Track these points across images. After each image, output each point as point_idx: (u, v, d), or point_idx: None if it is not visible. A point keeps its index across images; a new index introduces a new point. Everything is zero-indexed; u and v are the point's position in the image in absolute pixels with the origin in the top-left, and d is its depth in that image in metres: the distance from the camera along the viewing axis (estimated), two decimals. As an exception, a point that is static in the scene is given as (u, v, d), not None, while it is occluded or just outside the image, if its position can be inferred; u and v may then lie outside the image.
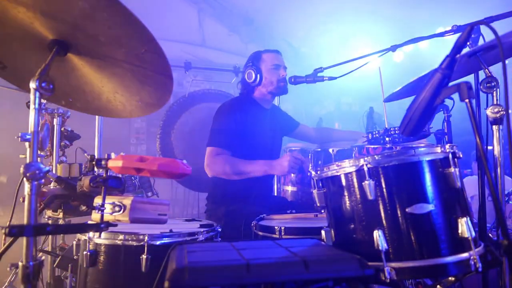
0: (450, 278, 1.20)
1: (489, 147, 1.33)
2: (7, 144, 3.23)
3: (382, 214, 1.15)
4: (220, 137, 2.26)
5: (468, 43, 1.40)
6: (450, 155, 1.18)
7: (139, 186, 2.40)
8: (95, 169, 1.12)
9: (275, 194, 2.73)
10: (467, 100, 1.03)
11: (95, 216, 1.12)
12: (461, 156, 1.22)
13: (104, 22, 1.04)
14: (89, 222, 1.12)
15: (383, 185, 1.16)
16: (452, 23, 1.78)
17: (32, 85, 1.03)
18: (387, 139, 1.93)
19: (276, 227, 1.61)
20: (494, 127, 1.29)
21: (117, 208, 1.10)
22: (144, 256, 1.34)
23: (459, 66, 1.23)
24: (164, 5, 4.40)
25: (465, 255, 1.09)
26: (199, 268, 0.94)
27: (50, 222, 2.06)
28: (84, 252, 1.41)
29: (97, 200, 1.12)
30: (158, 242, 1.38)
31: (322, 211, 1.92)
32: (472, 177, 3.29)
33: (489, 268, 1.15)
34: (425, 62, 4.96)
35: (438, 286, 1.21)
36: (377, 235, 1.12)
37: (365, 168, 1.17)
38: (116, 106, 1.36)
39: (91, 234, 1.42)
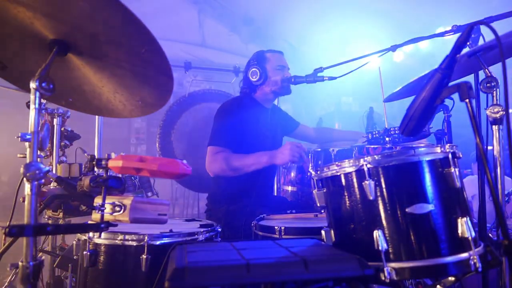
0: (450, 278, 1.19)
1: (489, 147, 1.33)
2: (7, 144, 3.23)
3: (382, 214, 1.15)
4: (220, 136, 2.26)
5: (468, 43, 1.41)
6: (450, 155, 1.18)
7: (139, 186, 2.39)
8: (95, 169, 1.12)
9: (275, 194, 2.73)
10: (467, 100, 1.03)
11: (95, 216, 1.11)
12: (461, 156, 1.22)
13: (104, 22, 1.04)
14: (89, 222, 1.12)
15: (383, 185, 1.16)
16: (452, 23, 1.78)
17: (32, 85, 1.03)
18: (387, 139, 1.93)
19: (276, 227, 1.61)
20: (494, 127, 1.29)
21: (117, 208, 1.10)
22: (144, 256, 1.34)
23: (459, 66, 1.23)
24: (164, 5, 4.41)
25: (465, 255, 1.09)
26: (199, 268, 0.94)
27: (50, 222, 2.06)
28: (84, 252, 1.41)
29: (97, 200, 1.11)
30: (158, 242, 1.38)
31: (322, 211, 1.93)
32: (473, 177, 3.28)
33: (489, 268, 1.14)
34: (425, 62, 4.97)
35: (438, 286, 1.21)
36: (377, 235, 1.12)
37: (365, 168, 1.17)
38: (116, 106, 1.36)
39: (91, 234, 1.42)
